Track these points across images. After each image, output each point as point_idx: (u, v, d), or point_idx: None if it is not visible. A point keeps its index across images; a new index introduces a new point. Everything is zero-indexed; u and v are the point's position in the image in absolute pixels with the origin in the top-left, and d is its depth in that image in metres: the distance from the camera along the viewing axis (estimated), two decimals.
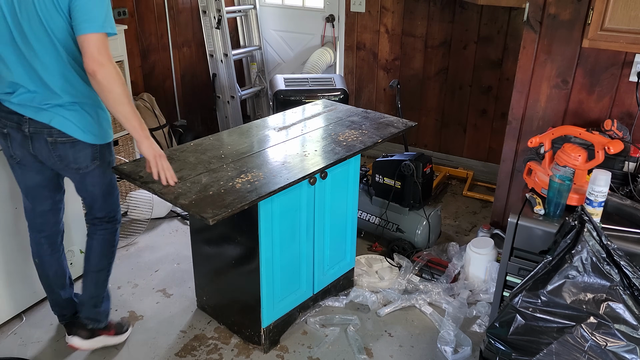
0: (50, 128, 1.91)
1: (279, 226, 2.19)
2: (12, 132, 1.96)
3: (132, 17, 3.51)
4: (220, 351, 2.37)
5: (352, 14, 4.04)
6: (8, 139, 1.99)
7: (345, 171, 2.44)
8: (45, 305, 2.62)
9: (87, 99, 1.94)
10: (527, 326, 1.74)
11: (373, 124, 2.55)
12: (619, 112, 2.38)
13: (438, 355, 2.35)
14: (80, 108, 1.93)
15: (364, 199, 3.12)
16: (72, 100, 1.90)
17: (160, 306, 2.65)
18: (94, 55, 1.76)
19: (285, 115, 2.70)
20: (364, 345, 2.39)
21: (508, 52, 3.60)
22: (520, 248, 2.04)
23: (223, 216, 1.75)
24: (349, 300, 2.63)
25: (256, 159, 2.17)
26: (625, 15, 1.94)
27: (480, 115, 3.86)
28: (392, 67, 4.04)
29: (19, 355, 2.34)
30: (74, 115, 1.92)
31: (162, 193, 1.90)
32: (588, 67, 2.37)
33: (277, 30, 4.53)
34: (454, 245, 2.97)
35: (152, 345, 2.40)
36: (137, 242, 3.16)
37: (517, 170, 2.71)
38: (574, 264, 1.70)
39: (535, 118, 2.56)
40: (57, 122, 1.90)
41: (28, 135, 1.94)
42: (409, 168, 2.91)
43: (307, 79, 3.57)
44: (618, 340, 1.63)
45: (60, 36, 1.81)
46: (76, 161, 2.00)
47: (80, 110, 1.93)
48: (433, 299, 2.63)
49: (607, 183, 1.85)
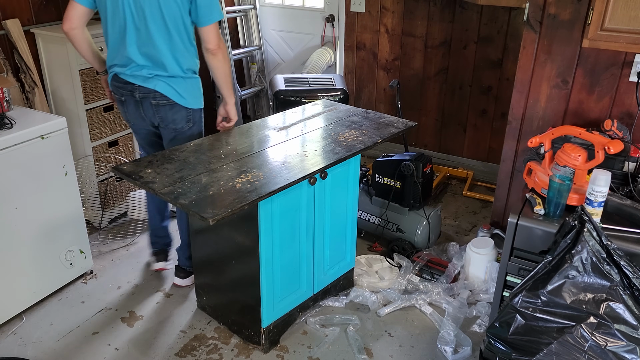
0: (154, 92, 2.36)
1: (279, 226, 2.19)
2: (127, 99, 2.42)
3: None
4: (220, 351, 2.37)
5: (352, 14, 4.04)
6: (124, 106, 2.46)
7: (345, 171, 2.44)
8: (45, 305, 2.62)
9: (185, 71, 2.38)
10: (527, 326, 1.74)
11: (373, 124, 2.55)
12: (619, 112, 2.38)
13: (438, 355, 2.35)
14: (179, 78, 2.38)
15: (364, 199, 3.12)
16: (173, 71, 2.35)
17: (160, 306, 2.65)
18: (215, 41, 2.33)
19: (285, 115, 2.70)
20: (364, 345, 2.39)
21: (508, 52, 3.60)
22: (520, 248, 2.04)
23: (223, 216, 1.75)
24: (349, 300, 2.63)
25: (256, 159, 2.17)
26: (625, 15, 1.94)
27: (480, 115, 3.86)
28: (392, 67, 4.04)
29: (19, 355, 2.34)
30: (174, 82, 2.37)
31: (162, 193, 1.90)
32: (588, 67, 2.37)
33: (277, 30, 4.53)
34: (454, 245, 2.97)
35: (152, 345, 2.40)
36: (137, 242, 3.16)
37: (517, 170, 2.71)
38: (574, 264, 1.70)
39: (535, 118, 2.56)
40: (160, 87, 2.35)
41: (139, 100, 2.39)
42: (409, 168, 2.91)
43: (307, 79, 3.56)
44: (618, 340, 1.63)
45: (173, 22, 2.27)
46: (174, 122, 2.44)
47: (178, 79, 2.38)
48: (433, 299, 2.63)
49: (607, 183, 1.85)
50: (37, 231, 2.51)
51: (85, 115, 3.03)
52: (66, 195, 2.62)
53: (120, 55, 2.34)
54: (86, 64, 2.94)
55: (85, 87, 2.99)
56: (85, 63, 2.93)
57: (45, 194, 2.51)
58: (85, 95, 3.01)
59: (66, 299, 2.68)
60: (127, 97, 2.41)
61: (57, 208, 2.59)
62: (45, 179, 2.50)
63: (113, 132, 3.23)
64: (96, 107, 3.08)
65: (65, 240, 2.67)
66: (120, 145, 3.29)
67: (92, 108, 3.06)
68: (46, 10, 3.08)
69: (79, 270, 2.79)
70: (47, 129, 2.46)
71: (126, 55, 2.32)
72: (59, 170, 2.55)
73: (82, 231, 2.76)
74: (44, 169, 2.49)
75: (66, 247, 2.68)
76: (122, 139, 3.29)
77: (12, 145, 2.33)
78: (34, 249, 2.52)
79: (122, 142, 3.30)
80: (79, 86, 2.96)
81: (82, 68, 2.95)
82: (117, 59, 2.36)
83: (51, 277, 2.64)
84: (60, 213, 2.61)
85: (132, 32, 2.28)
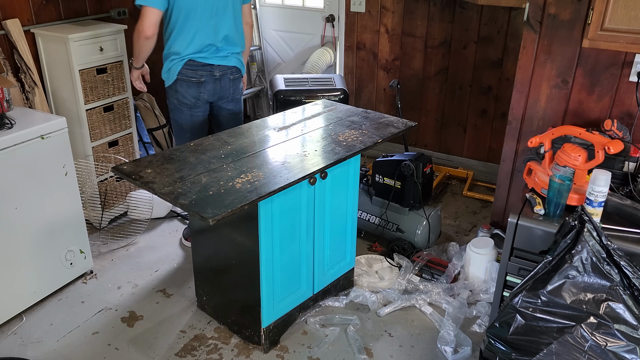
0: (232, 68, 2.85)
1: (279, 226, 2.19)
2: (207, 78, 2.79)
3: (132, 17, 3.51)
4: (220, 351, 2.37)
5: (352, 14, 4.04)
6: (202, 86, 2.79)
7: (345, 171, 2.44)
8: (45, 305, 2.62)
9: (243, 47, 2.91)
10: (527, 326, 1.74)
11: (373, 124, 2.55)
12: (619, 112, 2.38)
13: (438, 355, 2.35)
14: (240, 53, 2.90)
15: (364, 199, 3.12)
16: (239, 48, 2.87)
17: (160, 306, 2.65)
18: (250, 14, 3.02)
19: (285, 115, 2.70)
20: (364, 345, 2.39)
21: (508, 52, 3.60)
22: (520, 248, 2.04)
23: (223, 216, 1.75)
24: (349, 300, 2.63)
25: (256, 159, 2.17)
26: (625, 15, 1.94)
27: (480, 115, 3.86)
28: (392, 67, 4.04)
29: (19, 355, 2.34)
30: (240, 57, 2.89)
31: (162, 193, 1.90)
32: (588, 67, 2.37)
33: (277, 30, 4.53)
34: (454, 245, 2.97)
35: (152, 345, 2.40)
36: (137, 242, 3.16)
37: (517, 170, 2.71)
38: (574, 264, 1.70)
39: (535, 118, 2.56)
40: (236, 63, 2.86)
41: (218, 78, 2.81)
42: (409, 168, 2.91)
43: (307, 79, 3.56)
44: (618, 340, 1.63)
45: (236, 6, 2.79)
46: (240, 91, 3.00)
47: (240, 54, 2.90)
48: (433, 299, 2.62)
49: (607, 183, 1.85)
50: (37, 231, 2.51)
51: (85, 115, 3.03)
52: (66, 195, 2.62)
53: (196, 43, 2.70)
54: (87, 65, 2.97)
55: (85, 87, 2.99)
56: (86, 63, 2.96)
57: (45, 194, 2.51)
58: (86, 95, 3.01)
59: (66, 299, 2.68)
60: (206, 77, 2.78)
61: (57, 208, 2.59)
62: (45, 179, 2.50)
63: (113, 132, 3.23)
64: (96, 107, 3.08)
65: (65, 240, 2.67)
66: (120, 145, 3.29)
67: (92, 108, 3.06)
68: (46, 10, 3.08)
69: (79, 270, 2.79)
70: (47, 129, 2.46)
71: (204, 41, 2.71)
72: (59, 170, 2.56)
73: (82, 231, 2.76)
74: (44, 169, 2.49)
75: (66, 247, 2.68)
76: (122, 139, 3.29)
77: (12, 145, 2.33)
78: (34, 249, 2.52)
79: (122, 142, 3.30)
80: (79, 86, 2.96)
81: (83, 68, 2.95)
82: (191, 47, 2.70)
83: (51, 277, 2.64)
84: (60, 213, 2.61)
85: (209, 20, 2.68)
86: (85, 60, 2.96)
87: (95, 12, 3.37)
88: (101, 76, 3.06)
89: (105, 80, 3.09)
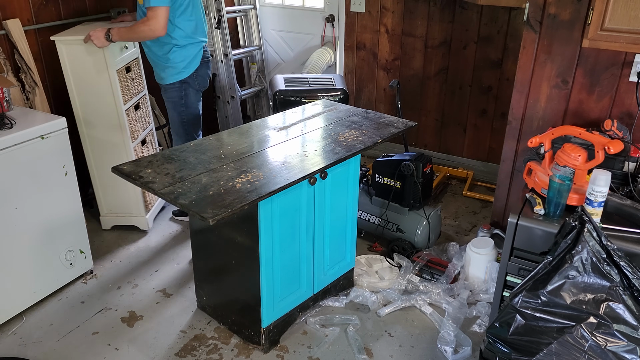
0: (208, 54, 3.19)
1: (279, 226, 2.19)
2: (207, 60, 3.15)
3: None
4: (220, 351, 2.37)
5: (352, 14, 4.04)
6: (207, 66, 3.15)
7: (345, 171, 2.44)
8: (45, 305, 2.62)
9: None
10: (527, 326, 1.74)
11: (373, 124, 2.55)
12: (619, 112, 2.38)
13: (438, 355, 2.35)
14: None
15: (364, 199, 3.12)
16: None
17: (160, 306, 2.65)
18: None
19: (285, 115, 2.70)
20: (364, 345, 2.39)
21: (508, 52, 3.60)
22: (520, 248, 2.04)
23: (223, 216, 1.75)
24: (349, 300, 2.63)
25: (256, 159, 2.17)
26: (625, 15, 1.94)
27: (480, 115, 3.86)
28: (392, 67, 4.04)
29: (19, 355, 2.34)
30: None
31: (162, 193, 1.90)
32: (588, 67, 2.37)
33: (277, 30, 4.53)
34: (454, 245, 2.97)
35: (152, 345, 2.40)
36: (137, 242, 3.16)
37: (517, 170, 2.71)
38: (574, 264, 1.70)
39: (535, 118, 2.56)
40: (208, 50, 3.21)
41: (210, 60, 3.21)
42: (409, 168, 2.91)
43: (307, 79, 3.56)
44: (618, 340, 1.63)
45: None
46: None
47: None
48: (433, 299, 2.62)
49: (607, 183, 1.85)
50: (37, 231, 2.51)
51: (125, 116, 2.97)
52: (66, 195, 2.62)
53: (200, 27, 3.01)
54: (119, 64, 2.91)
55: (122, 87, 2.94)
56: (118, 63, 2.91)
57: (45, 194, 2.51)
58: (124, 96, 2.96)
59: (66, 299, 2.68)
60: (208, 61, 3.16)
61: (57, 208, 2.59)
62: (45, 179, 2.50)
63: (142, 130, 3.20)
64: (129, 107, 3.04)
65: (65, 240, 2.67)
66: (149, 143, 3.28)
67: (128, 108, 3.01)
68: (46, 10, 3.08)
69: (79, 270, 2.79)
70: (47, 129, 2.46)
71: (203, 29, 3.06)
72: (59, 170, 2.56)
73: (82, 231, 2.76)
74: (44, 169, 2.49)
75: (66, 247, 2.68)
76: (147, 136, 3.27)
77: (12, 145, 2.33)
78: (34, 249, 2.52)
79: (148, 140, 3.28)
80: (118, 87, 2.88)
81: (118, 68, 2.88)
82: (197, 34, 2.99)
83: (51, 277, 2.64)
84: (60, 213, 2.61)
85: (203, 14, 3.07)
86: (117, 59, 2.88)
87: (95, 11, 3.37)
88: (129, 74, 3.04)
89: (131, 78, 3.06)
